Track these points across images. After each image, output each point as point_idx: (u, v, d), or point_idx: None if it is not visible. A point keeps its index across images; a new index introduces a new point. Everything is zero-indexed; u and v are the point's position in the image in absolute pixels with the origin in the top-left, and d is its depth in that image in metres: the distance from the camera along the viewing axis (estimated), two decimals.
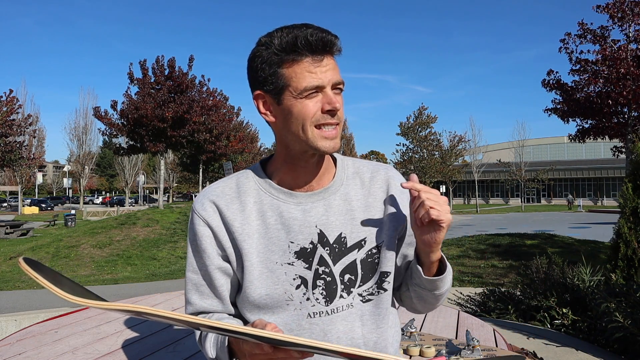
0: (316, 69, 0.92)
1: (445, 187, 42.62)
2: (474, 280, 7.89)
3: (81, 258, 13.44)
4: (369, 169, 1.10)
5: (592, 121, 13.40)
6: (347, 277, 1.01)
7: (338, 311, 1.00)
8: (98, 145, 53.72)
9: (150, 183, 66.41)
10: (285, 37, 0.92)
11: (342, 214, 1.02)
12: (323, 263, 0.99)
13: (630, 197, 4.18)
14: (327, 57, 0.94)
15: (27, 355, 1.89)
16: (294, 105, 0.94)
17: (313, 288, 0.99)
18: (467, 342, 1.87)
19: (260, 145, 48.63)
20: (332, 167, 1.07)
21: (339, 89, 0.96)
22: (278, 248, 0.99)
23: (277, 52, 0.93)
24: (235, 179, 1.06)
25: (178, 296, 3.14)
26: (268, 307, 0.99)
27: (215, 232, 1.00)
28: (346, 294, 1.00)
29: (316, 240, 0.99)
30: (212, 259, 1.01)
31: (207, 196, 1.03)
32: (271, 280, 0.98)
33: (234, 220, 1.00)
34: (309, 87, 0.92)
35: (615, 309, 2.87)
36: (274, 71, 0.94)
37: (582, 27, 12.65)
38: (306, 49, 0.91)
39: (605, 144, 43.88)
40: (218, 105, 24.89)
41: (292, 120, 0.95)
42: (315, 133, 0.94)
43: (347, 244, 1.01)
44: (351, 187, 1.06)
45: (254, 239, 0.99)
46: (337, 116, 0.95)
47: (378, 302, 1.04)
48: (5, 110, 23.31)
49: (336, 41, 0.94)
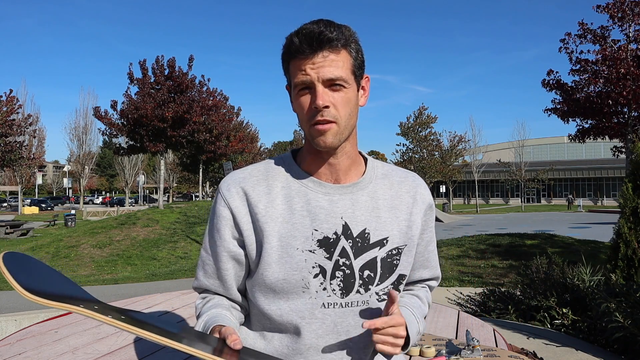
0: (305, 66, 0.93)
1: (445, 187, 42.62)
2: (474, 280, 7.89)
3: (81, 258, 13.45)
4: (398, 173, 1.12)
5: (592, 121, 13.41)
6: (367, 274, 1.00)
7: (352, 306, 1.00)
8: (98, 145, 53.75)
9: (150, 183, 66.40)
10: (290, 35, 0.95)
11: (368, 210, 1.02)
12: (344, 255, 0.99)
13: (630, 197, 4.18)
14: (322, 54, 0.92)
15: (27, 355, 1.89)
16: (296, 100, 0.98)
17: (331, 279, 0.98)
18: (467, 342, 1.87)
19: (260, 145, 48.65)
20: (362, 165, 1.08)
21: (340, 85, 0.94)
22: (301, 234, 0.98)
23: (285, 49, 0.97)
24: (264, 164, 1.07)
25: (178, 296, 3.14)
26: (283, 292, 0.99)
27: (235, 214, 1.01)
28: (364, 290, 1.00)
29: (340, 232, 0.99)
30: (225, 241, 1.02)
31: (234, 178, 1.04)
32: (290, 266, 0.98)
33: (259, 202, 1.00)
34: (298, 83, 0.94)
35: (615, 309, 2.87)
36: (286, 67, 0.99)
37: (582, 27, 12.65)
38: (299, 45, 0.92)
39: (605, 144, 43.92)
40: (218, 105, 24.91)
41: (298, 113, 0.99)
42: (313, 130, 0.96)
43: (370, 240, 1.01)
44: (379, 187, 1.06)
45: (277, 223, 0.99)
46: (330, 113, 0.94)
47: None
48: (5, 110, 23.33)
49: (328, 35, 0.91)
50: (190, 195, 58.23)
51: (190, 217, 18.56)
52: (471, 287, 7.18)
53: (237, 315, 1.08)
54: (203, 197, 37.15)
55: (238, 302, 1.09)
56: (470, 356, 1.81)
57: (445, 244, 11.45)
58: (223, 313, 1.02)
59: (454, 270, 8.83)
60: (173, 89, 21.50)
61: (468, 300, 4.70)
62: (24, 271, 0.76)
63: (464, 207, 46.81)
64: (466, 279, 8.03)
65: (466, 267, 9.04)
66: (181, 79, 21.51)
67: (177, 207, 20.63)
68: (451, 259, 9.78)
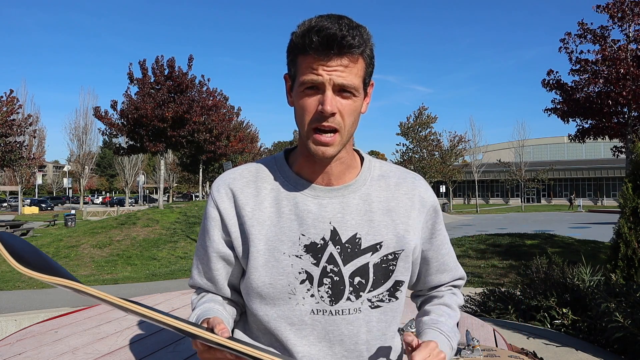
0: (318, 67, 0.88)
1: (445, 187, 42.61)
2: (474, 280, 7.89)
3: (81, 258, 13.44)
4: (397, 174, 1.06)
5: (592, 121, 13.40)
6: (357, 280, 0.97)
7: (344, 314, 0.97)
8: (98, 145, 53.65)
9: (150, 183, 66.40)
10: (305, 26, 0.89)
11: (360, 214, 0.99)
12: (332, 262, 0.96)
13: (630, 197, 4.18)
14: (340, 58, 0.88)
15: (27, 355, 1.89)
16: (298, 97, 0.92)
17: (319, 285, 0.96)
18: (467, 342, 1.87)
19: (260, 145, 48.64)
20: (357, 166, 1.04)
21: (350, 93, 0.90)
22: (288, 239, 0.96)
23: (295, 40, 0.91)
24: (256, 165, 1.05)
25: (178, 296, 3.14)
26: (270, 298, 0.97)
27: (223, 215, 1.00)
28: (354, 297, 0.97)
29: (328, 237, 0.96)
30: (214, 242, 1.02)
31: (225, 179, 1.03)
32: (276, 270, 0.96)
33: (246, 204, 0.99)
34: (306, 82, 0.89)
35: (615, 309, 2.87)
36: (292, 59, 0.93)
37: (582, 27, 12.65)
38: (313, 43, 0.87)
39: (605, 144, 43.89)
40: (218, 105, 24.91)
41: (298, 110, 0.94)
42: (311, 134, 0.92)
43: (361, 245, 0.97)
44: (374, 189, 1.02)
45: (264, 226, 0.97)
46: (335, 120, 0.90)
47: (387, 309, 1.01)
48: (6, 110, 23.33)
49: (350, 40, 0.86)
50: (190, 195, 58.23)
51: (190, 217, 18.56)
52: (471, 287, 7.18)
53: (231, 310, 1.07)
54: (203, 197, 37.14)
55: (231, 299, 1.08)
56: (470, 356, 1.81)
57: None
58: (216, 307, 1.02)
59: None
60: (173, 89, 21.50)
61: (468, 300, 4.71)
62: (17, 248, 0.76)
63: (464, 207, 46.80)
64: (466, 279, 8.02)
65: (466, 267, 9.04)
66: (181, 79, 21.52)
67: (177, 207, 20.63)
68: None
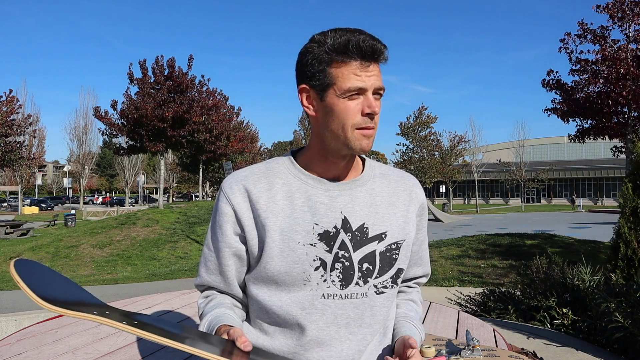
0: (362, 73, 0.97)
1: (445, 187, 42.63)
2: (474, 280, 7.89)
3: (81, 258, 13.45)
4: (395, 173, 1.18)
5: (592, 121, 13.40)
6: (366, 266, 1.05)
7: (352, 297, 1.04)
8: (98, 145, 53.79)
9: (150, 183, 66.40)
10: (339, 39, 0.97)
11: (367, 206, 1.08)
12: (344, 247, 1.03)
13: (630, 197, 4.18)
14: (374, 64, 0.99)
15: (27, 355, 1.89)
16: (336, 104, 0.99)
17: (331, 270, 1.02)
18: (467, 342, 1.87)
19: (260, 145, 48.66)
20: (360, 165, 1.14)
21: (379, 94, 1.01)
22: (302, 228, 1.02)
23: (329, 51, 0.98)
24: (265, 164, 1.12)
25: (178, 296, 3.14)
26: (285, 284, 1.02)
27: (237, 210, 1.05)
28: (362, 283, 1.04)
29: (340, 225, 1.04)
30: (227, 237, 1.06)
31: (236, 177, 1.09)
32: (291, 259, 1.01)
33: (260, 197, 1.04)
34: (353, 88, 0.97)
35: (615, 309, 2.87)
36: (323, 69, 0.99)
37: (582, 27, 12.64)
38: (356, 53, 0.97)
39: (605, 144, 43.92)
40: (218, 105, 24.92)
41: (334, 117, 1.00)
42: (356, 134, 0.99)
43: (368, 234, 1.05)
44: (377, 184, 1.12)
45: (278, 217, 1.03)
46: (374, 120, 1.00)
47: (389, 295, 1.10)
48: (6, 110, 23.31)
49: (384, 50, 0.99)
50: (190, 195, 58.22)
51: (190, 217, 18.56)
52: (471, 287, 7.18)
53: (240, 313, 1.12)
54: (203, 197, 37.16)
55: (239, 298, 1.13)
56: (470, 356, 1.81)
57: (445, 244, 11.45)
58: (227, 312, 1.05)
59: (454, 270, 8.83)
60: (173, 89, 21.50)
61: (468, 300, 4.71)
62: (35, 278, 0.76)
63: (464, 207, 46.80)
64: (466, 279, 8.02)
65: (466, 267, 9.03)
66: (181, 79, 21.51)
67: (177, 207, 20.63)
68: (451, 259, 9.78)
